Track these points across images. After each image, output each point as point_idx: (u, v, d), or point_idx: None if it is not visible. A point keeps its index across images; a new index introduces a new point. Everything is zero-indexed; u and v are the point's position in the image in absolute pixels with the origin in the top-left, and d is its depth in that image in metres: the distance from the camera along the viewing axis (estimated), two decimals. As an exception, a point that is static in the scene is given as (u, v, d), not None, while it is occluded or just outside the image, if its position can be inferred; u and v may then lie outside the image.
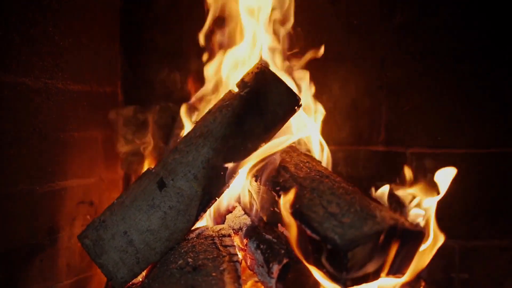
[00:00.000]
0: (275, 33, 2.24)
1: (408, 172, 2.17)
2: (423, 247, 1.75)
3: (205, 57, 2.33)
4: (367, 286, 1.72)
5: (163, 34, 2.59)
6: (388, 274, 1.67)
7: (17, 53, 1.90)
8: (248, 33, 2.23)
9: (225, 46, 2.29)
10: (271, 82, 1.89)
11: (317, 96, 2.28)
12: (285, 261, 1.75)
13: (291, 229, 1.71)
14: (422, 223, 1.81)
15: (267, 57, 2.21)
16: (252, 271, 1.90)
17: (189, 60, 2.46)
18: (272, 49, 2.22)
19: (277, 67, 2.18)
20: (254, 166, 1.95)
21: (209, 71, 2.29)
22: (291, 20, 2.26)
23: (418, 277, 1.86)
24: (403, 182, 2.11)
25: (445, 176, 1.94)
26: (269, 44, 2.22)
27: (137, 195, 1.84)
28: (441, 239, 1.83)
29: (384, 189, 1.95)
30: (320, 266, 1.64)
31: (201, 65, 2.32)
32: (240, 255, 1.91)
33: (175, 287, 1.60)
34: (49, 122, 2.06)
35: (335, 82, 2.40)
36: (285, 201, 1.74)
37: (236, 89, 1.91)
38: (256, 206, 1.99)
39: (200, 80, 2.31)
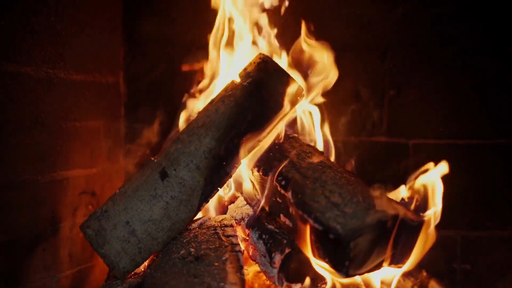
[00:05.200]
0: (277, 24, 2.24)
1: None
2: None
3: (207, 47, 2.32)
4: (369, 275, 1.73)
5: (166, 25, 2.58)
6: (390, 263, 1.67)
7: (19, 43, 1.89)
8: (248, 25, 2.23)
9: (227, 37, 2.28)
10: (274, 72, 1.88)
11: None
12: (287, 251, 1.75)
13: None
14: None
15: (268, 48, 2.20)
16: (255, 261, 1.90)
17: (192, 51, 2.46)
18: (273, 39, 2.22)
19: (279, 58, 2.18)
20: (257, 156, 1.95)
21: (211, 61, 2.29)
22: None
23: (420, 268, 1.86)
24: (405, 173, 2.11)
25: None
26: (271, 35, 2.22)
27: (139, 185, 1.84)
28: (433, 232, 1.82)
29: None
30: (322, 256, 1.64)
31: (204, 55, 2.32)
32: (242, 245, 1.91)
33: (177, 277, 1.61)
34: (51, 112, 2.05)
35: (338, 73, 2.39)
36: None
37: (238, 79, 1.91)
38: (258, 196, 1.99)
39: (202, 71, 2.30)
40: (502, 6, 2.31)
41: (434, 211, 1.79)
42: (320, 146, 2.17)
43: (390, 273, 1.81)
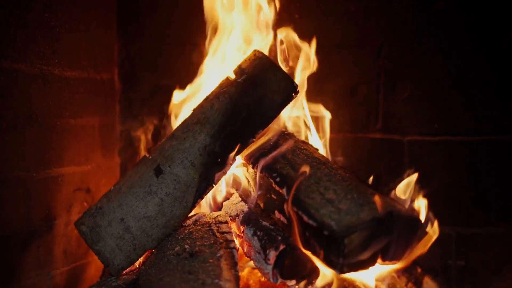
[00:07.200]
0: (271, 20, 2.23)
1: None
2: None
3: (203, 43, 2.32)
4: (363, 272, 1.73)
5: (161, 20, 2.58)
6: (384, 260, 1.67)
7: (13, 39, 1.88)
8: (243, 21, 2.22)
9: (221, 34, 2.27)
10: (269, 69, 1.88)
11: (315, 84, 2.27)
12: (282, 247, 1.75)
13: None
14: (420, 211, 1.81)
15: (263, 45, 2.20)
16: (249, 257, 1.90)
17: (187, 47, 2.45)
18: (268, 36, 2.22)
19: (274, 55, 2.18)
20: (252, 152, 1.95)
21: (207, 58, 2.28)
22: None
23: (414, 264, 1.86)
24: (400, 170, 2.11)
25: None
26: (265, 31, 2.21)
27: (134, 182, 1.84)
28: (436, 229, 1.83)
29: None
30: (317, 253, 1.65)
31: (199, 51, 2.31)
32: (237, 241, 1.91)
33: (172, 274, 1.60)
34: (45, 108, 2.05)
35: (333, 70, 2.39)
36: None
37: (233, 76, 1.90)
38: (253, 193, 1.99)
39: (198, 67, 2.29)
40: (499, 1, 2.32)
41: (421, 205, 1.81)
42: (314, 143, 2.17)
43: (385, 269, 1.82)
